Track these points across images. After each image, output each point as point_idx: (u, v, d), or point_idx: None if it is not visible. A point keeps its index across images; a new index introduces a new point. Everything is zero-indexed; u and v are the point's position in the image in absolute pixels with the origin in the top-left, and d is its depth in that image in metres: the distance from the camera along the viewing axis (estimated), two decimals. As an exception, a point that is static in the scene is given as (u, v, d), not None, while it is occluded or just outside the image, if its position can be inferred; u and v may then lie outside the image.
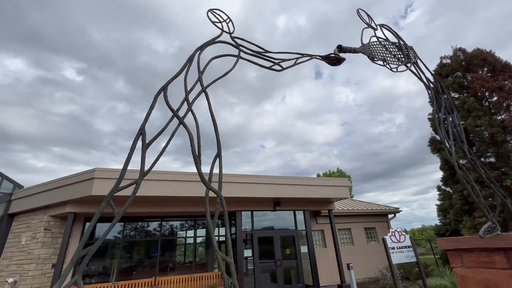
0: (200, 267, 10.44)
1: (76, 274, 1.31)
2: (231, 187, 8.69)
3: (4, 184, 8.93)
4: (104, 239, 1.45)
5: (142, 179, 1.65)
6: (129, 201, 1.58)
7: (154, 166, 1.73)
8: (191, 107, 1.99)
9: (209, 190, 1.76)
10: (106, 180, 7.47)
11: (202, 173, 1.71)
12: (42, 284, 7.73)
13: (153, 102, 1.89)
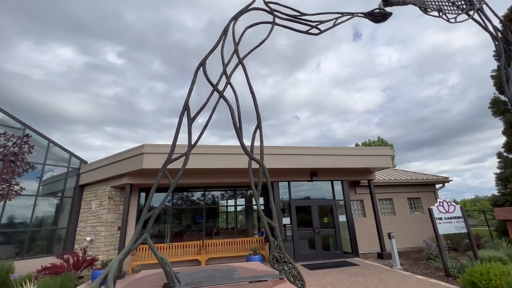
0: (241, 233, 11.25)
1: (145, 233, 1.54)
2: (267, 158, 8.83)
3: (72, 161, 10.37)
4: (162, 205, 1.65)
5: (190, 151, 1.78)
6: (181, 171, 1.75)
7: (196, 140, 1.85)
8: (229, 80, 2.02)
9: (252, 161, 1.83)
10: (154, 155, 8.17)
11: (245, 145, 1.77)
12: (111, 242, 9.16)
13: (194, 77, 1.96)
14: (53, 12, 37.89)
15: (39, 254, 8.95)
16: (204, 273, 1.75)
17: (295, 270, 1.53)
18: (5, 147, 8.48)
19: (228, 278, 1.57)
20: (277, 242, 1.56)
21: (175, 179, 1.61)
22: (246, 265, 2.04)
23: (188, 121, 1.73)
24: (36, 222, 9.23)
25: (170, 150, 1.65)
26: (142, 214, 1.46)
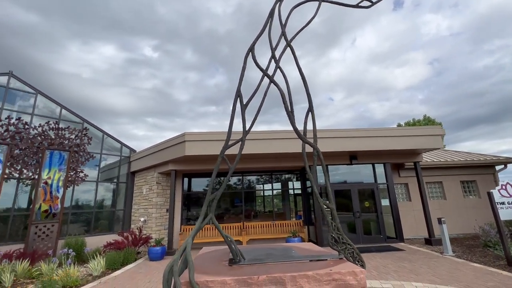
0: (278, 216, 11.48)
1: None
2: (299, 142, 8.76)
3: (123, 150, 11.42)
4: (224, 187, 1.76)
5: (245, 137, 1.85)
6: (238, 156, 1.83)
7: (250, 125, 1.91)
8: (278, 64, 2.01)
9: (306, 144, 1.84)
10: (194, 142, 8.60)
11: (297, 128, 1.78)
12: (162, 222, 10.06)
13: (244, 64, 1.98)
14: (96, 14, 40.63)
15: (102, 232, 10.24)
16: (262, 251, 1.85)
17: (355, 251, 1.54)
18: (69, 140, 9.62)
19: (287, 256, 1.65)
20: (335, 223, 1.57)
21: (233, 164, 1.69)
22: (299, 245, 2.11)
23: (241, 107, 1.78)
24: (98, 205, 10.49)
25: (226, 136, 1.72)
26: (207, 196, 1.58)
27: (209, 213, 1.56)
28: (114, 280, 6.12)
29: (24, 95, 9.25)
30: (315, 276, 1.24)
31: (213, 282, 1.21)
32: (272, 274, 1.26)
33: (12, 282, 5.91)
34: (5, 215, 8.12)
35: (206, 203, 1.55)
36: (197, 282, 1.20)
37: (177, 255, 1.28)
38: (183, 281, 1.22)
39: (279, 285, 1.24)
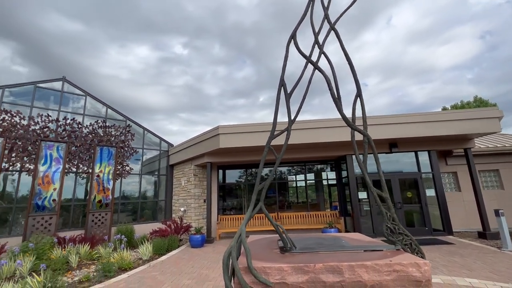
0: (312, 207, 11.35)
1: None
2: (336, 131, 8.46)
3: (162, 144, 12.14)
4: (272, 178, 1.78)
5: (291, 126, 1.83)
6: (284, 146, 1.82)
7: (295, 115, 1.88)
8: (322, 50, 1.94)
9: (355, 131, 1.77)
10: (228, 135, 8.80)
11: (346, 115, 1.71)
12: (200, 212, 10.58)
13: (286, 52, 1.95)
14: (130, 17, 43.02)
15: (147, 220, 11.10)
16: (311, 240, 1.84)
17: (413, 242, 1.46)
18: (115, 137, 10.47)
19: (339, 245, 1.62)
20: (390, 213, 1.50)
21: (280, 154, 1.69)
22: (347, 235, 2.06)
23: (286, 96, 1.75)
24: (142, 196, 11.36)
25: (272, 127, 1.72)
26: (255, 186, 1.60)
27: (259, 203, 1.59)
28: (162, 264, 6.64)
29: (75, 97, 10.23)
30: (374, 266, 1.21)
31: (270, 269, 1.24)
32: (328, 262, 1.25)
33: (78, 263, 6.73)
34: (67, 204, 9.20)
35: (256, 192, 1.58)
36: (255, 268, 1.24)
37: (234, 242, 1.33)
38: (241, 267, 1.27)
39: (336, 274, 1.22)
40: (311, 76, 1.88)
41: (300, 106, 1.81)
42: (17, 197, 8.39)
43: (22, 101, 9.02)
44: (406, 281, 1.18)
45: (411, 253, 1.40)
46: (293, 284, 1.23)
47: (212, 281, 5.28)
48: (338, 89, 1.70)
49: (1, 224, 8.07)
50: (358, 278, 1.20)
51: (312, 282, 1.21)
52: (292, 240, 1.63)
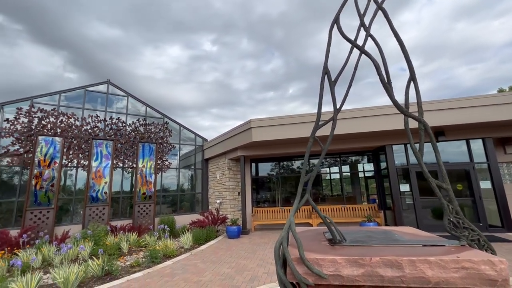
0: (348, 200, 10.97)
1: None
2: (375, 120, 7.98)
3: (197, 140, 12.63)
4: (317, 169, 1.74)
5: (337, 115, 1.77)
6: (330, 136, 1.77)
7: (341, 103, 1.80)
8: (369, 32, 1.82)
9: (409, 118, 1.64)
10: (260, 128, 8.83)
11: (398, 102, 1.59)
12: (235, 204, 10.87)
13: (329, 38, 1.86)
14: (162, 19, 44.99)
15: (186, 212, 11.72)
16: (359, 233, 1.78)
17: (481, 238, 1.32)
18: (155, 133, 11.13)
19: (392, 239, 1.54)
20: (452, 206, 1.37)
21: (326, 145, 1.64)
22: (397, 228, 1.95)
23: (330, 84, 1.68)
24: (180, 189, 12.00)
25: (316, 116, 1.66)
26: (301, 177, 1.58)
27: (305, 194, 1.56)
28: (202, 253, 6.99)
29: (118, 98, 11.05)
30: (438, 262, 1.12)
31: (323, 260, 1.21)
32: (386, 256, 1.19)
33: (128, 249, 7.39)
34: (116, 196, 10.10)
35: (301, 184, 1.56)
36: (307, 259, 1.23)
37: (285, 233, 1.34)
38: (293, 257, 1.26)
39: (395, 269, 1.16)
40: (357, 61, 1.77)
41: (346, 93, 1.73)
42: (75, 190, 9.43)
43: (75, 104, 10.01)
44: (477, 280, 1.08)
45: (479, 250, 1.28)
46: (348, 276, 1.19)
47: (250, 271, 5.42)
48: (388, 74, 1.58)
49: (64, 213, 9.16)
50: (420, 274, 1.12)
51: (369, 275, 1.17)
52: (342, 233, 1.59)
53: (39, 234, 7.72)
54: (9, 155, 8.41)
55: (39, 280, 4.52)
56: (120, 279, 5.12)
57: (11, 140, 8.53)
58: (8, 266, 5.69)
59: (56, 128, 9.12)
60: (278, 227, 10.63)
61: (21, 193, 8.46)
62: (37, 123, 8.90)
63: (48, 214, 8.22)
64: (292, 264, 1.22)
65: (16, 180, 8.72)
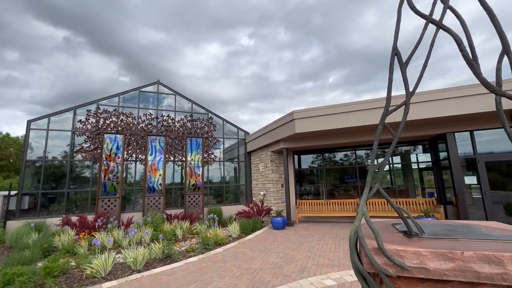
0: (400, 193, 10.20)
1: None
2: (433, 106, 7.19)
3: (239, 133, 12.96)
4: (388, 158, 1.65)
5: (410, 99, 1.64)
6: (402, 122, 1.65)
7: (414, 87, 1.64)
8: (448, 4, 1.63)
9: (501, 98, 1.44)
10: (303, 120, 8.66)
11: (486, 79, 1.40)
12: (278, 196, 10.95)
13: (398, 16, 1.71)
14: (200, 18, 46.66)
15: (231, 202, 12.20)
16: (435, 226, 1.64)
17: None
18: (200, 128, 11.72)
19: (479, 233, 1.39)
20: None
21: (398, 132, 1.53)
22: (479, 223, 1.74)
23: (401, 66, 1.55)
24: (225, 181, 12.51)
25: (386, 101, 1.56)
26: (370, 166, 1.50)
27: (375, 184, 1.49)
28: (249, 242, 7.24)
29: (167, 97, 11.86)
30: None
31: (405, 252, 1.15)
32: (482, 251, 1.07)
33: (182, 235, 8.02)
34: (169, 188, 10.98)
35: (370, 173, 1.49)
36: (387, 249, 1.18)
37: (358, 222, 1.30)
38: (371, 247, 1.22)
39: (494, 265, 1.05)
40: (433, 39, 1.60)
41: (420, 75, 1.58)
42: (135, 181, 10.51)
43: (131, 104, 11.06)
44: None
45: None
46: (435, 270, 1.11)
47: (299, 261, 5.45)
48: (474, 49, 1.40)
49: (126, 202, 10.31)
50: (526, 272, 0.99)
51: (461, 271, 1.07)
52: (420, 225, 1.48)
53: (109, 219, 8.84)
54: (83, 151, 9.73)
55: (113, 259, 5.20)
56: (178, 262, 5.60)
57: (83, 138, 9.84)
58: (88, 245, 6.65)
59: (117, 127, 10.23)
60: (323, 220, 10.42)
61: (93, 184, 9.76)
62: (102, 123, 10.09)
63: (115, 202, 9.34)
64: (370, 254, 1.19)
65: (88, 173, 10.07)
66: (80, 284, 4.51)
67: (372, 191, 1.54)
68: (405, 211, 1.46)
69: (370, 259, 1.18)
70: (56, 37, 52.54)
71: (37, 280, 4.31)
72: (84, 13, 44.09)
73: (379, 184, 1.52)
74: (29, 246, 6.22)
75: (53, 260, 4.92)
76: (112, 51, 47.75)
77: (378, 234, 1.20)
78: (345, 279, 4.40)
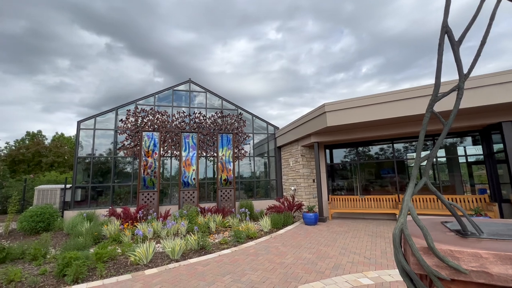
0: (445, 189, 9.34)
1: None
2: (485, 92, 6.40)
3: (269, 128, 12.92)
4: (437, 150, 1.50)
5: (464, 82, 1.46)
6: (455, 109, 1.48)
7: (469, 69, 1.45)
8: (513, -32, 1.40)
9: None
10: (335, 112, 8.32)
11: None
12: (310, 192, 10.74)
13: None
14: (228, 15, 47.19)
15: (261, 197, 12.27)
16: (499, 226, 1.45)
17: None
18: (231, 124, 11.91)
19: (556, 236, 1.19)
20: None
21: (449, 120, 1.37)
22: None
23: (453, 45, 1.38)
24: (255, 175, 12.61)
25: (434, 86, 1.40)
26: (416, 158, 1.36)
27: (422, 177, 1.35)
28: (281, 237, 7.22)
29: (198, 94, 12.24)
30: None
31: (460, 253, 1.03)
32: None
33: (215, 228, 8.29)
34: (202, 182, 11.39)
35: (416, 166, 1.36)
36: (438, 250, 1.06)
37: (404, 219, 1.19)
38: (419, 246, 1.11)
39: None
40: (495, 9, 1.39)
41: (477, 54, 1.39)
42: (170, 176, 11.09)
43: (165, 103, 11.62)
44: None
45: None
46: (499, 275, 0.98)
47: (332, 258, 5.30)
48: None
49: (163, 195, 10.94)
50: None
51: (533, 277, 0.93)
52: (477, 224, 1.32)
53: (149, 211, 9.47)
54: (124, 148, 10.51)
55: (154, 248, 5.56)
56: (212, 253, 5.80)
57: (124, 136, 10.62)
58: (132, 234, 7.20)
59: (154, 125, 10.84)
60: (357, 216, 9.99)
61: (134, 179, 10.51)
62: (140, 121, 10.78)
63: (154, 196, 9.97)
64: (418, 254, 1.08)
65: (130, 168, 10.86)
66: (126, 269, 4.90)
67: (418, 185, 1.40)
68: (459, 207, 1.31)
69: (419, 260, 1.07)
70: (99, 44, 57.28)
71: (89, 264, 4.78)
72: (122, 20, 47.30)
73: (427, 178, 1.37)
74: (82, 234, 6.93)
75: (102, 247, 5.42)
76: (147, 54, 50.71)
77: (427, 233, 1.08)
78: (383, 278, 4.17)
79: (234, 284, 4.13)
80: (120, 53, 58.24)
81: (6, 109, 44.82)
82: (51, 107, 51.08)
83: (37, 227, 8.09)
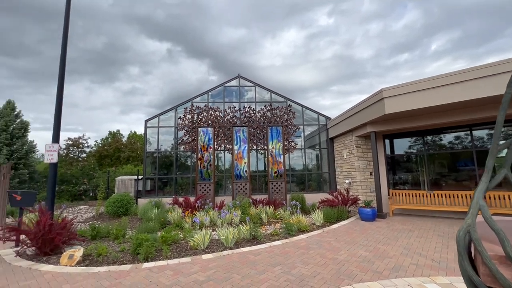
0: (549, 185, 7.46)
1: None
2: None
3: (320, 119, 12.40)
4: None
5: None
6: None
7: None
8: None
9: None
10: (395, 98, 7.46)
11: None
12: (367, 185, 9.98)
13: None
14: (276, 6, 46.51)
15: (313, 190, 11.95)
16: None
17: None
18: (280, 117, 11.84)
19: None
20: None
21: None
22: None
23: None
24: (307, 168, 12.31)
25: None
26: (492, 147, 1.10)
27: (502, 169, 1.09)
28: (334, 232, 6.93)
29: (248, 89, 12.48)
30: None
31: (555, 267, 0.79)
32: None
33: (267, 220, 8.45)
34: (254, 174, 11.70)
35: (492, 155, 1.09)
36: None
37: (471, 220, 0.99)
38: (492, 254, 0.91)
39: None
40: None
41: None
42: (224, 169, 11.70)
43: (218, 99, 12.22)
44: None
45: None
46: None
47: (392, 258, 4.84)
48: None
49: (219, 187, 11.64)
50: None
51: None
52: None
53: (206, 201, 10.23)
54: (183, 143, 11.51)
55: (210, 235, 5.99)
56: (263, 244, 5.94)
57: (183, 132, 11.62)
58: (192, 222, 7.91)
59: (208, 121, 11.55)
60: (425, 214, 8.86)
61: (192, 171, 11.45)
62: (196, 118, 11.61)
63: (210, 187, 10.70)
64: (492, 263, 0.88)
65: (189, 161, 11.86)
66: (186, 253, 5.42)
67: (495, 179, 1.13)
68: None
69: (493, 271, 0.87)
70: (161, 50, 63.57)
71: (157, 246, 5.44)
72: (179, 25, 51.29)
73: (507, 170, 1.10)
74: (152, 219, 7.92)
75: (167, 232, 6.10)
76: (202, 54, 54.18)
77: (505, 238, 0.87)
78: (456, 286, 3.62)
79: (284, 276, 4.16)
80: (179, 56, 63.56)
81: (94, 113, 54.01)
82: (126, 109, 59.39)
83: (118, 211, 9.59)
